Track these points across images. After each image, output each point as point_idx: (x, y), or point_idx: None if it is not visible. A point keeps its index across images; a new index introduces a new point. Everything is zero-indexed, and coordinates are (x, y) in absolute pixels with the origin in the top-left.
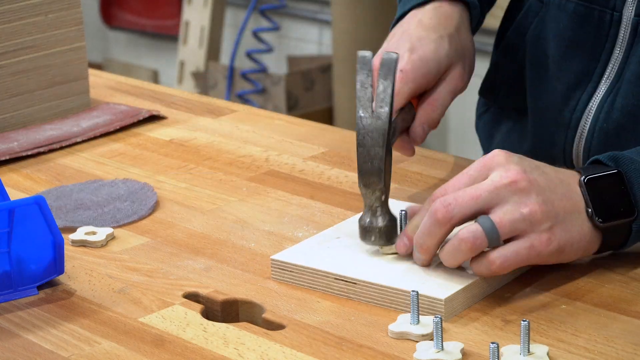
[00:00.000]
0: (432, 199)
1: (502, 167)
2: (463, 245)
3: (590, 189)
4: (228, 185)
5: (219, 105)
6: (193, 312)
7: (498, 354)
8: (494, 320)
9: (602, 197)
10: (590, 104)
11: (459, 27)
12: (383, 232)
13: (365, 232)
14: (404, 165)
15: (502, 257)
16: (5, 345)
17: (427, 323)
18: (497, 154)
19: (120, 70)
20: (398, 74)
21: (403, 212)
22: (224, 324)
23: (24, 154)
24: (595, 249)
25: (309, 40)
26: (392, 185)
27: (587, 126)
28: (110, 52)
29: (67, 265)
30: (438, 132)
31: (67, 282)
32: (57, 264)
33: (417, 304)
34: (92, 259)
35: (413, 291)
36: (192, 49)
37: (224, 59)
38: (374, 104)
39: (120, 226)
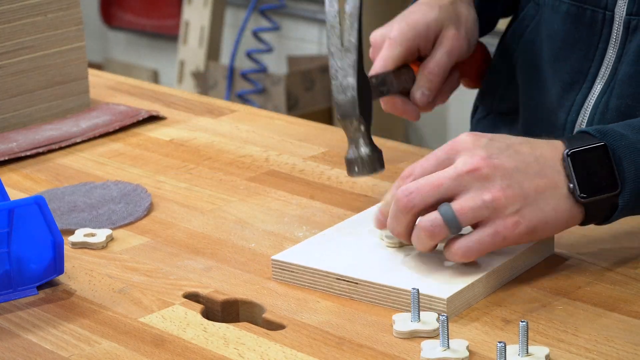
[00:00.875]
0: (400, 177)
1: (467, 152)
2: (422, 234)
3: (575, 163)
4: (228, 185)
5: (219, 105)
6: (193, 312)
7: (505, 353)
8: (494, 320)
9: (586, 172)
10: (585, 104)
11: (454, 1)
12: (366, 162)
13: (349, 164)
14: (404, 165)
15: (464, 247)
16: (5, 345)
17: (428, 320)
18: (466, 137)
19: (120, 70)
20: (387, 40)
21: None
22: (224, 324)
23: (23, 154)
24: (577, 223)
25: (309, 40)
26: (392, 185)
27: (583, 127)
28: (110, 52)
29: (67, 265)
30: (438, 132)
31: (67, 282)
32: (56, 264)
33: (418, 302)
34: (92, 259)
35: (413, 289)
36: (192, 49)
37: (224, 59)
38: (343, 41)
39: (116, 228)
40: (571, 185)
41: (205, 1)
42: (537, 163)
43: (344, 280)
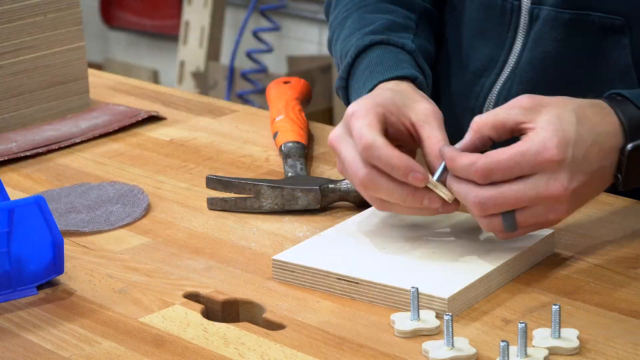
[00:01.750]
0: (476, 169)
1: (550, 173)
2: (477, 220)
3: (631, 158)
4: None
5: (219, 105)
6: (193, 312)
7: (508, 353)
8: (494, 320)
9: (636, 170)
10: (493, 90)
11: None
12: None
13: None
14: None
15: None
16: (5, 345)
17: (428, 319)
18: (552, 156)
19: (120, 70)
20: (351, 117)
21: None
22: (224, 324)
23: (22, 154)
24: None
25: (309, 40)
26: None
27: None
28: (110, 52)
29: (67, 265)
30: None
31: (67, 282)
32: (56, 263)
33: (418, 301)
34: (92, 259)
35: (413, 287)
36: (192, 49)
37: (224, 59)
38: None
39: (115, 228)
40: (619, 175)
41: (205, 1)
42: (601, 169)
43: (344, 280)
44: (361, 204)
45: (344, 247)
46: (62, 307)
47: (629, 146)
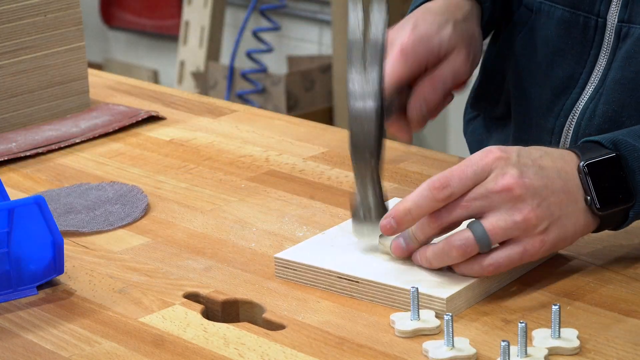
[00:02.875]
0: (432, 187)
1: (498, 170)
2: (454, 252)
3: (592, 175)
4: (228, 185)
5: (219, 105)
6: (193, 312)
7: (509, 352)
8: (494, 321)
9: (601, 184)
10: (574, 109)
11: (467, 17)
12: (374, 208)
13: (356, 208)
14: (404, 165)
15: (495, 263)
16: (5, 345)
17: (428, 318)
18: (494, 154)
19: (120, 70)
20: (398, 51)
21: None
22: (224, 324)
23: (22, 154)
24: (589, 232)
25: (309, 40)
26: (392, 185)
27: (571, 132)
28: (110, 52)
29: (67, 265)
30: (438, 132)
31: (67, 282)
32: (56, 263)
33: (418, 301)
34: (92, 259)
35: (413, 287)
36: (192, 49)
37: (224, 59)
38: (365, 78)
39: (114, 229)
40: (588, 197)
41: (205, 1)
42: (560, 178)
43: (344, 278)
44: None
45: (346, 246)
46: (62, 307)
47: (581, 163)
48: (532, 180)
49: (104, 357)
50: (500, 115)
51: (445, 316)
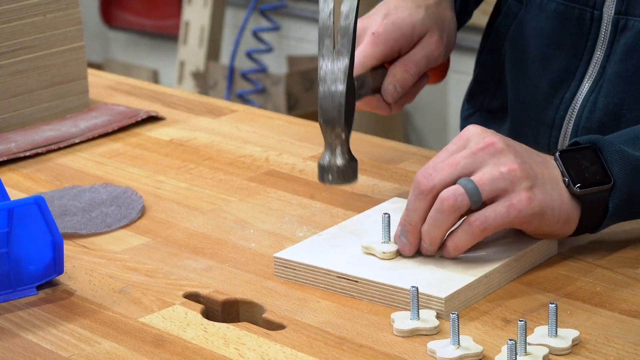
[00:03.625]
0: (414, 187)
1: (478, 136)
2: (445, 205)
3: (565, 159)
4: (228, 185)
5: (219, 105)
6: (193, 312)
7: (516, 351)
8: (494, 320)
9: (577, 167)
10: (574, 103)
11: (440, 1)
12: (341, 171)
13: (323, 170)
14: (404, 165)
15: (482, 217)
16: (5, 345)
17: (427, 318)
18: (472, 127)
19: (120, 70)
20: (369, 36)
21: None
22: (224, 324)
23: (21, 154)
24: (575, 222)
25: (309, 40)
26: (392, 185)
27: (571, 125)
28: (110, 52)
29: (67, 265)
30: (438, 132)
31: (67, 282)
32: (56, 264)
33: (417, 300)
34: (92, 259)
35: (413, 287)
36: (192, 49)
37: (224, 59)
38: (336, 44)
39: (112, 230)
40: (566, 179)
41: (205, 1)
42: (539, 156)
43: (344, 278)
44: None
45: (345, 245)
46: (62, 307)
47: (556, 153)
48: (513, 143)
49: (104, 357)
50: (497, 109)
51: (451, 315)
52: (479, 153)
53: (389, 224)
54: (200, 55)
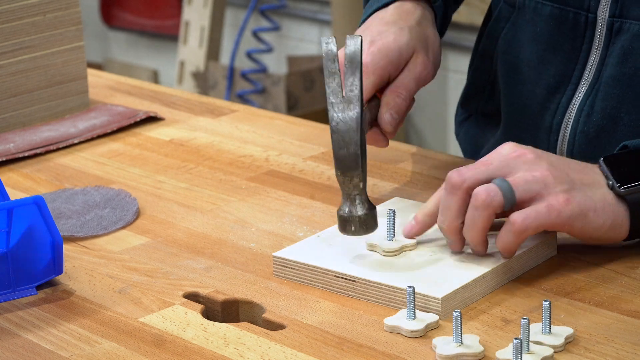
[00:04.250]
0: (446, 184)
1: (510, 146)
2: (479, 199)
3: (609, 163)
4: (228, 185)
5: (219, 105)
6: (193, 312)
7: (521, 349)
8: (494, 320)
9: (621, 169)
10: (571, 107)
11: (420, 21)
12: (363, 221)
13: (345, 222)
14: (404, 165)
15: (524, 214)
16: (5, 345)
17: (423, 319)
18: (507, 144)
19: (120, 70)
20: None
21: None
22: (224, 324)
23: (20, 155)
24: (625, 225)
25: (309, 40)
26: (392, 185)
27: (569, 130)
28: (110, 52)
29: (67, 265)
30: (438, 132)
31: (67, 282)
32: (55, 264)
33: (414, 300)
34: (92, 259)
35: (409, 286)
36: (192, 49)
37: (224, 59)
38: (344, 90)
39: (108, 233)
40: (610, 182)
41: (205, 1)
42: (578, 164)
43: (342, 277)
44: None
45: (343, 245)
46: (62, 307)
47: (600, 160)
48: (547, 155)
49: (104, 357)
50: (492, 113)
51: (454, 312)
52: (512, 160)
53: (394, 221)
54: (200, 55)
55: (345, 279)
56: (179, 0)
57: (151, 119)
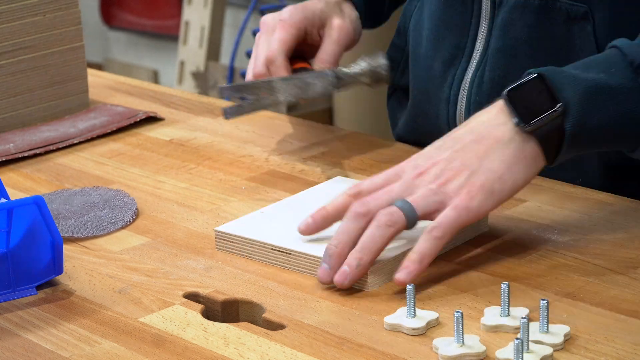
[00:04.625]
0: (345, 193)
1: (411, 163)
2: (382, 220)
3: (512, 99)
4: (228, 185)
5: (219, 105)
6: (193, 312)
7: (522, 351)
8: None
9: (525, 102)
10: (465, 78)
11: (339, 2)
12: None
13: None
14: None
15: (436, 224)
16: (5, 345)
17: (423, 316)
18: (406, 162)
19: (120, 70)
20: (279, 23)
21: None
22: (224, 324)
23: (20, 155)
24: (538, 162)
25: None
26: None
27: (464, 101)
28: (110, 52)
29: (67, 265)
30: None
31: (67, 282)
32: (55, 264)
33: (414, 298)
34: (92, 259)
35: (409, 285)
36: (192, 49)
37: (224, 59)
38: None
39: (108, 233)
40: (515, 120)
41: (205, 1)
42: (472, 134)
43: (278, 250)
44: (376, 81)
45: (283, 221)
46: (62, 307)
47: (504, 92)
48: (441, 155)
49: (104, 357)
50: (406, 88)
51: (455, 313)
52: (413, 181)
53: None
54: (200, 55)
55: (281, 251)
56: (179, 0)
57: (151, 119)
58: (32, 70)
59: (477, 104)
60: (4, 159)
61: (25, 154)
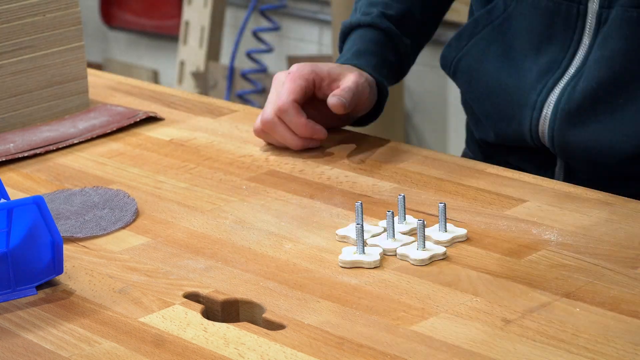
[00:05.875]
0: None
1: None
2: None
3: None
4: (228, 185)
5: (219, 105)
6: (193, 312)
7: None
8: (494, 320)
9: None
10: (556, 86)
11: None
12: None
13: None
14: (404, 165)
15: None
16: (5, 345)
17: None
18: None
19: (120, 70)
20: (286, 76)
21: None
22: (224, 324)
23: (20, 155)
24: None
25: (309, 40)
26: (392, 185)
27: (551, 107)
28: (110, 52)
29: (67, 265)
30: (438, 132)
31: (67, 282)
32: (55, 264)
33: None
34: (92, 259)
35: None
36: (192, 49)
37: (224, 59)
38: None
39: (108, 233)
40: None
41: (205, 1)
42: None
43: None
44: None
45: None
46: (62, 307)
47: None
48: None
49: (104, 357)
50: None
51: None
52: None
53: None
54: (200, 55)
55: None
56: (179, 0)
57: (151, 119)
58: (32, 70)
59: (564, 112)
60: (4, 159)
61: (25, 154)
